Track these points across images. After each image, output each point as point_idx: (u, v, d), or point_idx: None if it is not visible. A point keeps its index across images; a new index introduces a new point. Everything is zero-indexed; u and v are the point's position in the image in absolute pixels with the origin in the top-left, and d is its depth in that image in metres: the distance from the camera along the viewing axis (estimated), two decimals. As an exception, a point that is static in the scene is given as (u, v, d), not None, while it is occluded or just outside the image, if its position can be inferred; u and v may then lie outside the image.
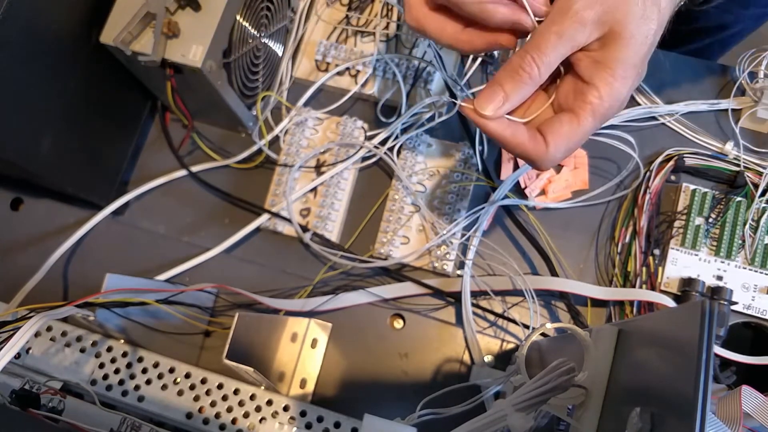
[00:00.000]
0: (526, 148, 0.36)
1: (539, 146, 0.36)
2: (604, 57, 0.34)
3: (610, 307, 0.50)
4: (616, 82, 0.34)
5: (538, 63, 0.34)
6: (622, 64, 0.34)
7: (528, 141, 0.36)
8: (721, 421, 0.34)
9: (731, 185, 0.51)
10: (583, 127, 0.35)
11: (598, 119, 0.35)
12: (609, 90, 0.34)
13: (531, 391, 0.32)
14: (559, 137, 0.35)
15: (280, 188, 0.54)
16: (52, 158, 0.48)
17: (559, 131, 0.35)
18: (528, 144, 0.36)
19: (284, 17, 0.57)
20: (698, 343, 0.24)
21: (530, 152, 0.36)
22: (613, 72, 0.34)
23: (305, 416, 0.44)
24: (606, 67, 0.34)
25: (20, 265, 0.55)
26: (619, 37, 0.33)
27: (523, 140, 0.36)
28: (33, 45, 0.43)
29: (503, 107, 0.35)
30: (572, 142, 0.36)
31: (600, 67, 0.34)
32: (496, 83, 0.35)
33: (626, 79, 0.34)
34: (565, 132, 0.35)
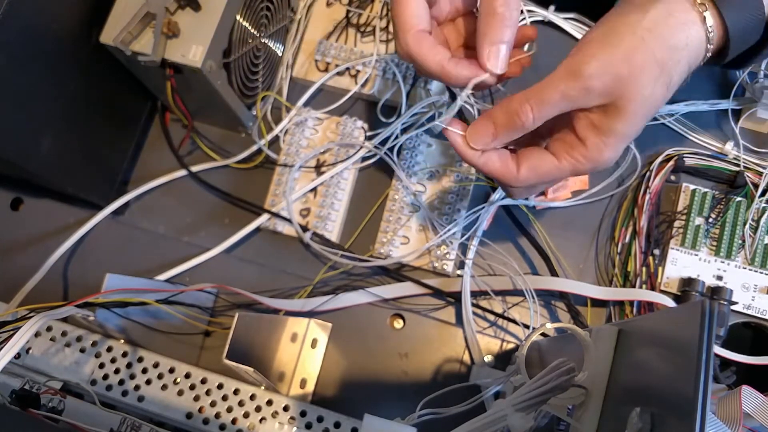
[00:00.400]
0: (497, 173, 0.36)
1: (510, 173, 0.36)
2: (602, 123, 0.34)
3: (610, 307, 0.50)
4: (606, 149, 0.34)
5: (536, 114, 0.34)
6: (618, 136, 0.34)
7: (499, 167, 0.36)
8: (721, 421, 0.34)
9: (731, 185, 0.51)
10: (559, 173, 0.36)
11: (576, 173, 0.36)
12: (597, 154, 0.35)
13: (531, 391, 0.32)
14: (533, 171, 0.36)
15: (280, 188, 0.54)
16: (52, 158, 0.48)
17: (536, 167, 0.36)
18: (499, 169, 0.36)
19: (284, 17, 0.57)
20: (698, 343, 0.24)
21: (501, 176, 0.37)
22: (606, 140, 0.34)
23: (305, 416, 0.44)
24: (601, 133, 0.34)
25: (20, 265, 0.55)
26: (622, 110, 0.33)
27: (494, 167, 0.36)
28: (33, 45, 0.43)
29: (490, 144, 0.36)
30: (542, 180, 0.37)
31: (596, 131, 0.34)
32: (489, 119, 0.36)
33: (617, 147, 0.35)
34: (542, 171, 0.36)
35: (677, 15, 0.33)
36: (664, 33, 0.33)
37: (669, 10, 0.33)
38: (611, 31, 0.34)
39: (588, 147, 0.35)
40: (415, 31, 0.36)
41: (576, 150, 0.35)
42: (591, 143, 0.35)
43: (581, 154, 0.35)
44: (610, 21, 0.34)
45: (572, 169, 0.36)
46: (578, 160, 0.35)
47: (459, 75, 0.36)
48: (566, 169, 0.36)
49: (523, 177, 0.36)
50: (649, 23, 0.33)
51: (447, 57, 0.36)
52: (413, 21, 0.36)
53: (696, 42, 0.34)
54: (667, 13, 0.33)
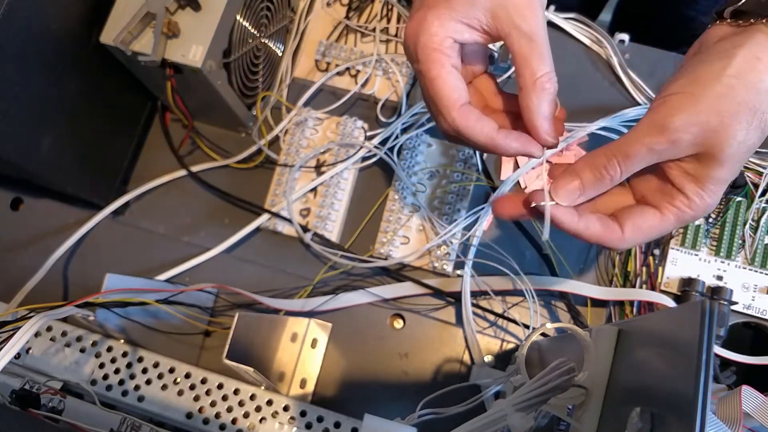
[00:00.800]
0: (601, 238, 0.35)
1: (614, 234, 0.35)
2: (698, 172, 0.33)
3: (610, 307, 0.50)
4: (707, 196, 0.34)
5: (623, 168, 0.34)
6: (716, 181, 0.33)
7: (601, 231, 0.35)
8: (721, 421, 0.34)
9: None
10: (664, 226, 0.35)
11: (681, 223, 0.35)
12: (699, 202, 0.34)
13: (531, 391, 0.32)
14: (638, 230, 0.35)
15: (280, 188, 0.54)
16: (52, 158, 0.48)
17: (640, 225, 0.35)
18: (602, 234, 0.35)
19: (284, 17, 0.57)
20: (698, 343, 0.24)
21: (605, 241, 0.35)
22: (704, 187, 0.33)
23: (305, 416, 0.44)
24: (698, 182, 0.33)
25: (20, 265, 0.55)
26: (716, 158, 0.33)
27: (596, 232, 0.35)
28: (33, 45, 0.43)
29: (577, 199, 0.35)
30: (649, 237, 0.35)
31: (692, 180, 0.34)
32: (574, 175, 0.35)
33: (717, 192, 0.34)
34: (647, 227, 0.35)
35: (763, 58, 0.32)
36: (751, 78, 0.32)
37: (755, 53, 0.32)
38: (696, 81, 0.32)
39: (689, 196, 0.34)
40: (460, 106, 0.35)
41: (677, 200, 0.34)
42: (690, 191, 0.34)
43: (683, 203, 0.34)
44: (693, 70, 0.33)
45: (677, 221, 0.35)
46: (682, 210, 0.34)
47: (509, 147, 0.35)
48: (671, 222, 0.35)
49: (629, 238, 0.35)
50: (735, 70, 0.32)
51: (495, 128, 0.35)
52: (455, 96, 0.35)
53: None
54: (753, 57, 0.32)
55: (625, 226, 0.35)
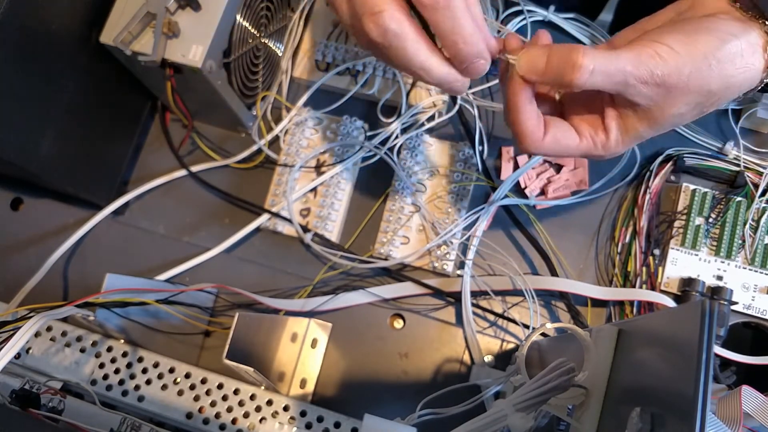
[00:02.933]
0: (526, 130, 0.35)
1: (537, 134, 0.36)
2: (629, 122, 0.36)
3: (610, 307, 0.50)
4: (622, 145, 0.36)
5: (590, 80, 0.32)
6: (637, 137, 0.36)
7: (533, 125, 0.36)
8: (721, 421, 0.34)
9: (731, 185, 0.51)
10: (576, 151, 0.37)
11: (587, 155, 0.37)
12: (614, 147, 0.37)
13: (531, 391, 0.32)
14: (555, 142, 0.36)
15: (280, 188, 0.54)
16: (52, 158, 0.48)
17: (559, 138, 0.36)
18: (531, 127, 0.36)
19: (284, 17, 0.57)
20: (698, 343, 0.24)
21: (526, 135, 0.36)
22: (626, 137, 0.36)
23: (305, 416, 0.44)
24: (624, 131, 0.36)
25: (20, 265, 0.55)
26: (653, 119, 0.35)
27: (530, 121, 0.35)
28: (33, 45, 0.43)
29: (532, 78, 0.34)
30: (558, 153, 0.37)
31: (620, 126, 0.36)
32: (544, 54, 0.34)
33: (631, 145, 0.37)
34: (563, 144, 0.37)
35: (746, 57, 0.33)
36: (728, 70, 0.33)
37: (742, 49, 0.33)
38: (689, 48, 0.33)
39: (609, 138, 0.36)
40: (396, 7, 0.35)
41: (598, 135, 0.36)
42: (613, 135, 0.36)
43: (600, 141, 0.36)
44: (692, 32, 0.34)
45: (586, 151, 0.37)
46: (596, 145, 0.36)
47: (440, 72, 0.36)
48: (582, 149, 0.37)
49: (546, 145, 0.36)
50: (721, 55, 0.33)
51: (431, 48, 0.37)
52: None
53: (747, 85, 0.35)
54: (739, 52, 0.33)
55: (548, 132, 0.36)
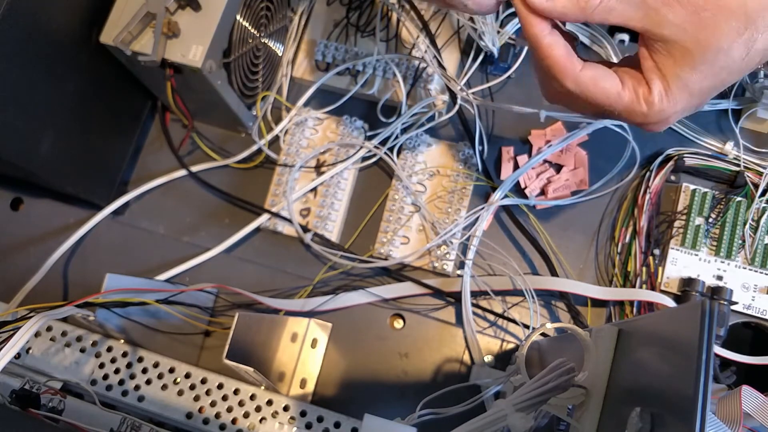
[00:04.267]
0: (558, 62, 0.33)
1: (572, 67, 0.33)
2: (668, 69, 0.32)
3: (610, 307, 0.50)
4: (666, 99, 0.32)
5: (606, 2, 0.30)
6: (681, 86, 0.32)
7: (564, 55, 0.33)
8: (721, 421, 0.34)
9: (731, 185, 0.51)
10: (616, 99, 0.33)
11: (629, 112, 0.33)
12: (656, 101, 0.32)
13: (531, 391, 0.32)
14: (592, 81, 0.33)
15: (280, 188, 0.54)
16: (52, 158, 0.48)
17: (599, 78, 0.33)
18: (562, 58, 0.32)
19: (284, 17, 0.57)
20: (698, 343, 0.24)
21: (559, 67, 0.33)
22: (669, 87, 0.32)
23: (305, 416, 0.44)
24: (665, 79, 0.32)
25: (20, 265, 0.55)
26: (690, 55, 0.31)
27: (559, 53, 0.32)
28: (33, 45, 0.43)
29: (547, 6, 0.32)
30: (596, 97, 0.33)
31: (660, 76, 0.32)
32: None
33: (677, 100, 0.32)
34: (602, 86, 0.33)
35: None
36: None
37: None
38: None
39: (651, 90, 0.32)
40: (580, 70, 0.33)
41: (641, 88, 0.32)
42: (655, 86, 0.32)
43: (644, 94, 0.32)
44: None
45: (628, 104, 0.33)
46: (638, 99, 0.32)
47: None
48: (624, 100, 0.33)
49: (583, 79, 0.33)
50: None
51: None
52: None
53: None
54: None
55: (586, 69, 0.33)
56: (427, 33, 0.51)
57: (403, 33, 0.55)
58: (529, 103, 0.50)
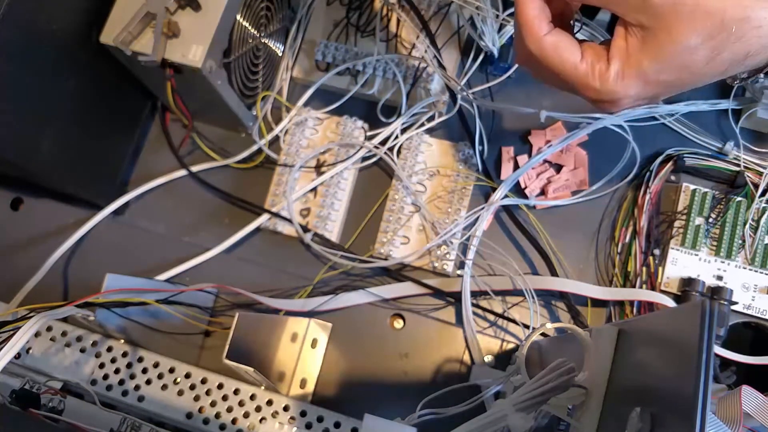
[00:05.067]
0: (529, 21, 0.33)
1: (538, 27, 0.33)
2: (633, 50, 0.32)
3: (610, 307, 0.50)
4: (620, 80, 0.32)
5: None
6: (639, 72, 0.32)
7: (536, 12, 0.33)
8: (721, 421, 0.34)
9: (731, 185, 0.51)
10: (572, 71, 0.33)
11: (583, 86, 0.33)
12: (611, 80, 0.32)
13: (531, 391, 0.32)
14: (553, 48, 0.33)
15: (280, 188, 0.54)
16: (52, 158, 0.48)
17: (560, 47, 0.33)
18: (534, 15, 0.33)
19: (284, 17, 0.57)
20: (698, 343, 0.24)
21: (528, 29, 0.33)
22: (626, 69, 0.32)
23: (305, 416, 0.44)
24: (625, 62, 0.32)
25: (20, 265, 0.55)
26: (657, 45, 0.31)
27: (531, 10, 0.33)
28: (33, 45, 0.43)
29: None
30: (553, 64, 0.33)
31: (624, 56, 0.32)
32: None
33: (631, 85, 0.32)
34: (562, 55, 0.33)
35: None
36: (745, 1, 0.29)
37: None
38: None
39: (609, 69, 0.32)
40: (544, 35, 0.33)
41: (599, 64, 0.33)
42: (613, 67, 0.32)
43: (599, 70, 0.32)
44: None
45: (582, 77, 0.33)
46: (593, 73, 0.33)
47: None
48: (580, 73, 0.33)
49: (545, 44, 0.33)
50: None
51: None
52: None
53: (759, 45, 0.30)
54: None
55: (551, 35, 0.33)
56: (427, 33, 0.51)
57: (403, 33, 0.55)
58: (529, 103, 0.50)
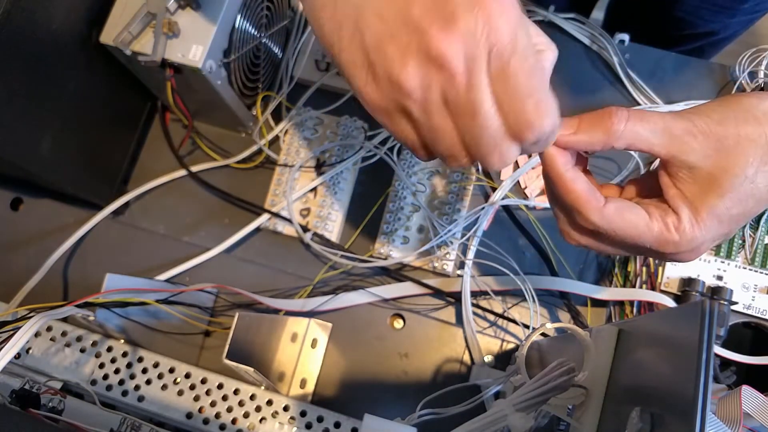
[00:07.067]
0: (581, 196, 0.31)
1: (595, 202, 0.31)
2: (696, 198, 0.31)
3: (610, 307, 0.50)
4: (698, 227, 0.31)
5: (628, 127, 0.31)
6: (712, 215, 0.31)
7: (586, 190, 0.31)
8: (721, 421, 0.34)
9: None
10: (646, 231, 0.31)
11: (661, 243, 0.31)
12: (688, 229, 0.31)
13: (531, 391, 0.32)
14: (619, 214, 0.31)
15: (280, 188, 0.54)
16: (52, 158, 0.48)
17: (624, 212, 0.31)
18: (584, 193, 0.31)
19: (284, 17, 0.57)
20: (698, 343, 0.24)
21: (582, 203, 0.31)
22: (699, 215, 0.31)
23: (305, 416, 0.44)
24: (694, 208, 0.31)
25: (20, 265, 0.55)
26: (717, 183, 0.30)
27: (581, 188, 0.31)
28: (33, 45, 0.43)
29: (565, 137, 0.31)
30: (625, 231, 0.32)
31: (688, 204, 0.31)
32: (575, 117, 0.32)
33: (710, 229, 0.31)
34: (629, 219, 0.31)
35: None
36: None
37: None
38: (726, 106, 0.31)
39: (680, 218, 0.31)
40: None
41: (669, 217, 0.31)
42: (684, 215, 0.31)
43: (673, 223, 0.31)
44: (724, 100, 0.32)
45: (659, 234, 0.31)
46: (668, 228, 0.31)
47: None
48: (654, 231, 0.31)
49: (608, 212, 0.31)
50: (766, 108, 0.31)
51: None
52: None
53: None
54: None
55: (610, 203, 0.31)
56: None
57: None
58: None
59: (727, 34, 0.70)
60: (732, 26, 0.69)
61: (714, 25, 0.68)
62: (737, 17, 0.66)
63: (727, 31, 0.70)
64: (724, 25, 0.68)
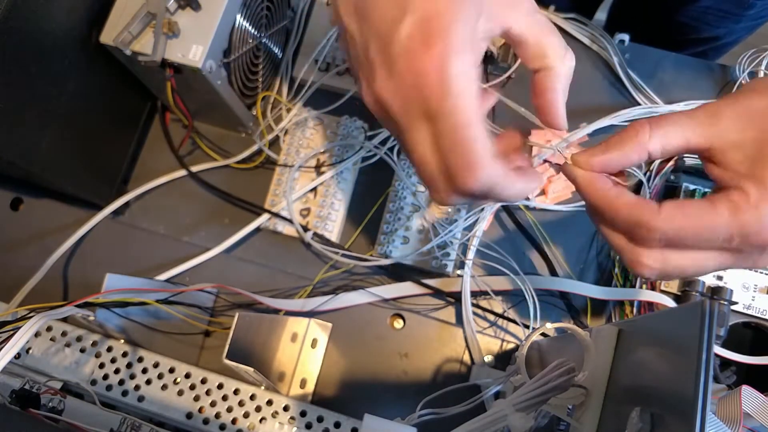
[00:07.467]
0: (633, 208, 0.29)
1: (649, 208, 0.29)
2: (754, 170, 0.28)
3: (610, 307, 0.50)
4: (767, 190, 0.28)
5: (654, 132, 0.29)
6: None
7: (635, 201, 0.29)
8: (721, 421, 0.34)
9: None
10: (714, 219, 0.28)
11: (738, 224, 0.28)
12: (757, 194, 0.28)
13: (531, 391, 0.32)
14: (678, 210, 0.28)
15: (280, 188, 0.54)
16: (52, 158, 0.48)
17: (683, 206, 0.28)
18: (636, 205, 0.29)
19: (284, 17, 0.57)
20: (698, 343, 0.24)
21: (638, 213, 0.29)
22: (764, 180, 0.28)
23: (305, 416, 0.44)
24: (755, 176, 0.28)
25: (20, 265, 0.55)
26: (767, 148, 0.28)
27: (629, 200, 0.29)
28: (33, 45, 0.43)
29: (598, 161, 0.30)
30: (692, 230, 0.28)
31: (746, 175, 0.29)
32: (601, 143, 0.31)
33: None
34: (691, 212, 0.28)
35: None
36: None
37: None
38: (734, 93, 0.30)
39: (744, 189, 0.28)
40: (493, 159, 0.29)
41: (732, 194, 0.28)
42: (750, 189, 0.28)
43: (740, 197, 0.28)
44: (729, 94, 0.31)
45: (729, 216, 0.28)
46: (738, 206, 0.28)
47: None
48: (724, 215, 0.28)
49: (667, 213, 0.28)
50: None
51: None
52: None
53: None
54: None
55: (664, 204, 0.29)
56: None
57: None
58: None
59: (731, 39, 0.70)
60: (737, 32, 0.69)
61: (719, 31, 0.68)
62: (742, 23, 0.66)
63: (732, 36, 0.70)
64: (728, 30, 0.68)
